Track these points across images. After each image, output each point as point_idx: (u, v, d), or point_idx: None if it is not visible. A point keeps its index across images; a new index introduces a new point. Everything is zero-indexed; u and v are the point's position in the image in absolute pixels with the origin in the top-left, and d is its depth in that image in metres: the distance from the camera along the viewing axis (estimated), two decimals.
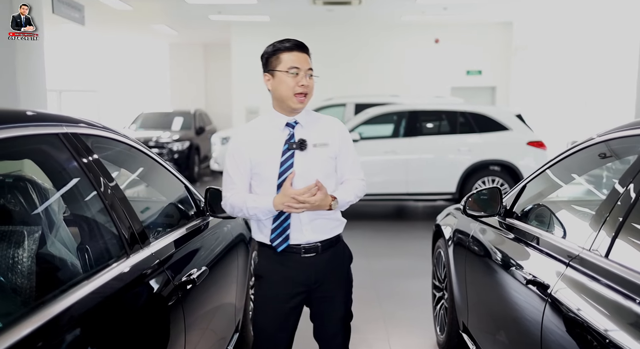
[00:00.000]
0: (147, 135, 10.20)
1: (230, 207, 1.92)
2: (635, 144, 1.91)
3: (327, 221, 1.94)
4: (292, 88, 1.86)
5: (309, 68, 1.90)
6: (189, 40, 14.35)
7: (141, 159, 2.15)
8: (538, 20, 11.69)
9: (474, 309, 2.54)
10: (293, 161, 1.87)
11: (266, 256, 1.95)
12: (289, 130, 1.92)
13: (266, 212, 1.85)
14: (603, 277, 1.47)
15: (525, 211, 2.28)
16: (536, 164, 6.82)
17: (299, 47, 1.91)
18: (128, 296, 1.44)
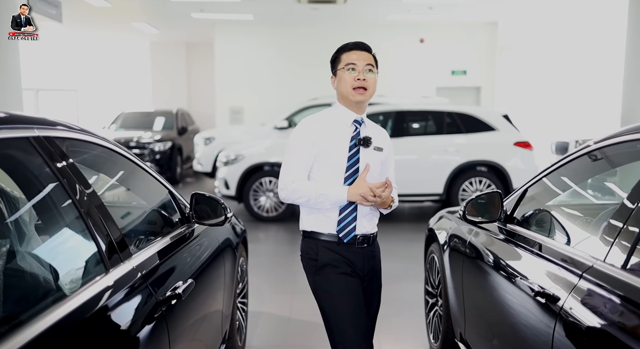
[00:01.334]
0: (128, 135, 9.98)
1: (291, 192, 1.98)
2: (635, 149, 1.83)
3: (376, 214, 2.10)
4: (350, 83, 1.99)
5: (367, 64, 2.01)
6: (171, 39, 14.10)
7: (122, 163, 2.01)
8: (523, 20, 11.72)
9: (472, 319, 2.45)
10: (359, 157, 2.01)
11: (325, 246, 2.01)
12: (355, 126, 2.04)
13: (334, 202, 1.96)
14: (621, 290, 1.38)
15: (527, 217, 2.18)
16: (524, 165, 6.80)
17: (357, 47, 2.05)
18: (108, 317, 1.30)
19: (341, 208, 1.98)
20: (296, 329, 3.51)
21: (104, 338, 1.27)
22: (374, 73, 2.03)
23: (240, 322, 3.04)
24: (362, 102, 2.02)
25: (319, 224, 2.02)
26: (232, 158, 7.05)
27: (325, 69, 9.91)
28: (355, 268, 2.02)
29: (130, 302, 1.42)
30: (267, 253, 5.51)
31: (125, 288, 1.42)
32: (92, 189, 1.53)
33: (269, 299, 4.03)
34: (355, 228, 2.00)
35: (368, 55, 2.04)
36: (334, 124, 2.05)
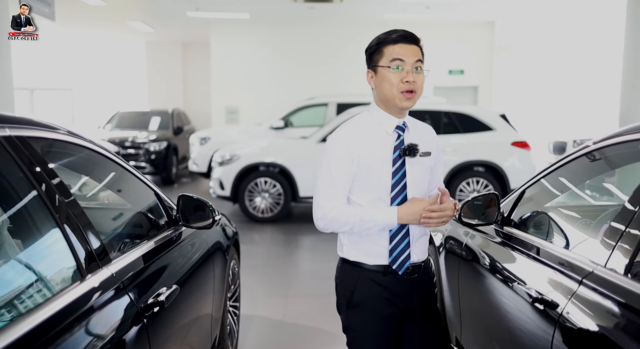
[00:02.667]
0: (123, 135, 9.89)
1: (330, 221, 1.67)
2: (636, 150, 1.77)
3: (427, 238, 1.80)
4: (397, 85, 1.65)
5: (416, 60, 1.66)
6: (167, 38, 14.01)
7: (106, 165, 1.94)
8: (520, 20, 11.67)
9: (468, 323, 2.38)
10: (405, 170, 1.69)
11: (365, 279, 1.72)
12: (397, 134, 1.71)
13: (383, 227, 1.66)
14: (622, 297, 1.31)
15: (525, 219, 2.12)
16: (521, 165, 6.75)
17: (405, 38, 1.66)
18: (82, 328, 1.23)
19: (391, 234, 1.69)
20: (289, 333, 3.44)
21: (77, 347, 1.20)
22: (422, 71, 1.67)
23: (231, 326, 2.97)
24: (409, 109, 1.70)
25: (365, 256, 1.73)
26: (227, 158, 6.97)
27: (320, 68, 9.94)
28: (399, 301, 1.73)
29: (107, 311, 1.35)
30: (262, 255, 5.44)
31: (102, 295, 1.35)
32: (68, 191, 1.45)
33: (262, 303, 3.96)
34: (409, 256, 1.71)
35: (417, 49, 1.67)
36: (372, 133, 1.71)
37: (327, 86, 11.48)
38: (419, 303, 1.77)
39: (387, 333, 1.73)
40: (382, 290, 1.72)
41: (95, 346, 1.24)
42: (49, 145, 1.53)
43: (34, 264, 1.29)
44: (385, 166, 1.69)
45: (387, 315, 1.72)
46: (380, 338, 1.73)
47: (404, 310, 1.75)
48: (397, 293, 1.73)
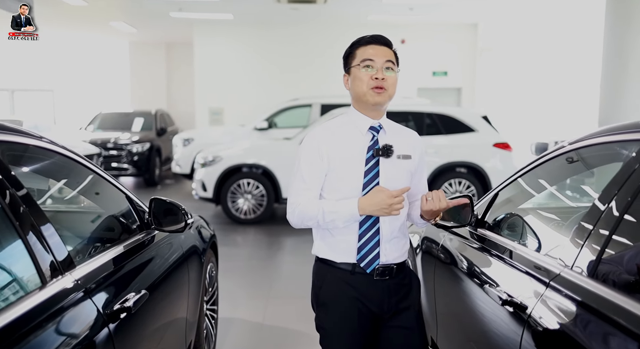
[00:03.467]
0: (105, 136, 9.79)
1: (298, 216, 1.71)
2: (609, 151, 1.79)
3: (402, 240, 1.78)
4: (367, 82, 1.69)
5: (387, 60, 1.70)
6: (150, 39, 13.91)
7: (74, 168, 1.90)
8: (503, 22, 11.77)
9: (443, 325, 2.38)
10: (378, 170, 1.70)
11: (333, 277, 1.73)
12: (372, 134, 1.74)
13: (347, 218, 1.66)
14: (587, 299, 1.32)
15: (498, 221, 2.13)
16: (503, 166, 6.79)
17: (375, 40, 1.74)
18: (40, 337, 1.19)
19: (360, 232, 1.69)
20: (269, 336, 3.42)
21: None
22: (394, 71, 1.71)
23: (208, 330, 2.94)
24: (379, 105, 1.71)
25: (333, 253, 1.74)
26: (210, 160, 6.93)
27: (304, 69, 9.95)
28: (368, 302, 1.71)
29: (68, 318, 1.31)
30: (243, 257, 5.41)
31: (63, 303, 1.32)
32: (31, 196, 1.42)
33: (242, 305, 3.93)
34: (378, 255, 1.69)
35: (388, 50, 1.72)
36: (346, 133, 1.74)
37: (311, 87, 11.47)
38: (393, 308, 1.74)
39: (357, 334, 1.72)
40: (351, 289, 1.72)
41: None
42: (12, 148, 1.49)
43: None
44: (358, 165, 1.70)
45: (356, 315, 1.71)
46: (349, 337, 1.72)
47: (376, 313, 1.74)
48: (367, 294, 1.72)
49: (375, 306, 1.73)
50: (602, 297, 1.27)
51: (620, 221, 1.36)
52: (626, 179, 1.42)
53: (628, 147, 1.59)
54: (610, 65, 6.24)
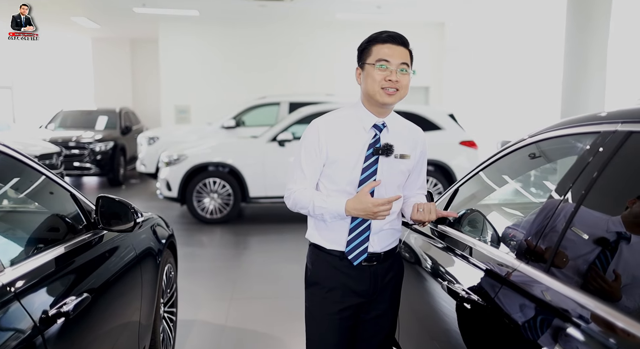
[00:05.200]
0: (67, 135, 9.49)
1: (292, 202, 1.77)
2: (567, 144, 1.78)
3: (392, 232, 1.83)
4: (379, 82, 1.70)
5: (402, 63, 1.70)
6: (114, 35, 13.55)
7: (15, 167, 1.78)
8: (468, 21, 11.92)
9: (404, 321, 2.35)
10: (377, 168, 1.72)
11: (323, 261, 1.80)
12: (374, 132, 1.75)
13: (334, 215, 1.71)
14: (541, 295, 1.29)
15: (459, 218, 2.10)
16: (469, 164, 6.85)
17: (393, 39, 1.72)
18: None
19: (351, 227, 1.73)
20: (231, 337, 3.33)
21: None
22: (408, 73, 1.71)
23: (166, 333, 2.84)
24: (390, 105, 1.73)
25: (324, 240, 1.79)
26: (175, 158, 6.77)
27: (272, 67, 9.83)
28: (355, 288, 1.77)
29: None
30: (208, 258, 5.30)
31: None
32: None
33: (205, 307, 3.83)
34: (367, 249, 1.75)
35: (404, 51, 1.72)
36: (350, 127, 1.75)
37: (280, 85, 11.38)
38: (377, 291, 1.81)
39: (339, 316, 1.78)
40: (338, 273, 1.77)
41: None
42: None
43: None
44: (357, 161, 1.72)
45: (339, 297, 1.77)
46: (331, 319, 1.78)
47: (361, 295, 1.79)
48: (354, 278, 1.77)
49: (362, 289, 1.78)
50: (557, 292, 1.24)
51: (575, 214, 1.34)
52: (580, 171, 1.40)
53: (582, 139, 1.57)
54: (571, 63, 6.36)
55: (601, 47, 6.17)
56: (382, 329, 1.87)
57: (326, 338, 1.80)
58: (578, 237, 1.33)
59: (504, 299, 1.42)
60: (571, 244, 1.33)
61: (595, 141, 1.41)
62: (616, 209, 1.36)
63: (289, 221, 6.77)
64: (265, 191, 6.62)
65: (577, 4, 6.35)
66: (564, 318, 1.19)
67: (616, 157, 1.30)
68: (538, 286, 1.32)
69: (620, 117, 1.36)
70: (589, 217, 1.34)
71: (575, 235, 1.34)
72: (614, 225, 1.27)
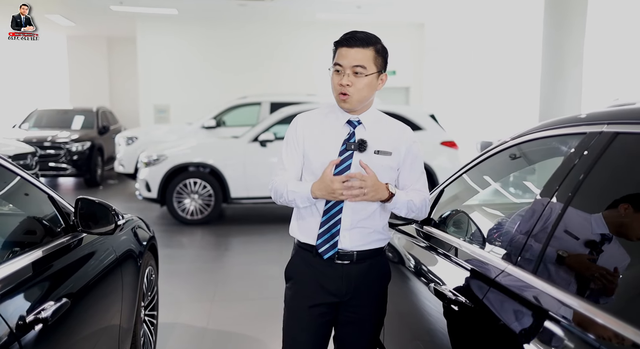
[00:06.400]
0: (42, 134, 9.28)
1: (273, 193, 1.81)
2: (552, 146, 1.79)
3: (367, 231, 1.79)
4: (335, 87, 1.73)
5: (354, 65, 1.68)
6: (90, 33, 13.30)
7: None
8: (448, 22, 12.03)
9: (389, 323, 2.34)
10: (351, 163, 1.73)
11: (300, 256, 1.83)
12: (349, 128, 1.77)
13: (303, 199, 1.73)
14: (530, 296, 1.29)
15: (444, 218, 2.10)
16: (450, 164, 6.90)
17: (347, 41, 1.70)
18: None
19: (322, 220, 1.74)
20: (212, 340, 3.29)
21: None
22: (363, 75, 1.68)
23: (147, 337, 2.78)
24: (348, 109, 1.74)
25: (300, 233, 1.82)
26: (154, 158, 6.67)
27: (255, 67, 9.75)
28: (327, 285, 1.77)
29: None
30: (189, 259, 5.23)
31: None
32: None
33: (186, 310, 3.77)
34: (336, 244, 1.74)
35: (360, 52, 1.68)
36: (328, 123, 1.79)
37: (261, 85, 11.31)
38: (351, 292, 1.79)
39: (313, 312, 1.78)
40: (311, 269, 1.79)
41: None
42: None
43: None
44: (333, 156, 1.74)
45: (312, 294, 1.79)
46: (305, 314, 1.79)
47: (333, 294, 1.79)
48: (326, 275, 1.78)
49: (333, 288, 1.78)
50: (546, 293, 1.24)
51: (562, 215, 1.34)
52: (567, 173, 1.41)
53: (568, 141, 1.58)
54: (548, 63, 6.46)
55: (577, 47, 6.28)
56: (363, 333, 1.85)
57: (297, 333, 1.81)
58: (565, 239, 1.33)
59: (491, 301, 1.42)
60: (559, 245, 1.33)
61: (582, 142, 1.42)
62: (603, 209, 1.37)
63: (270, 221, 6.72)
64: (247, 191, 6.56)
65: (553, 5, 6.46)
66: (552, 319, 1.19)
67: (602, 158, 1.31)
68: (525, 287, 1.32)
69: (606, 118, 1.37)
70: (576, 219, 1.34)
71: (563, 236, 1.34)
72: (598, 227, 1.28)
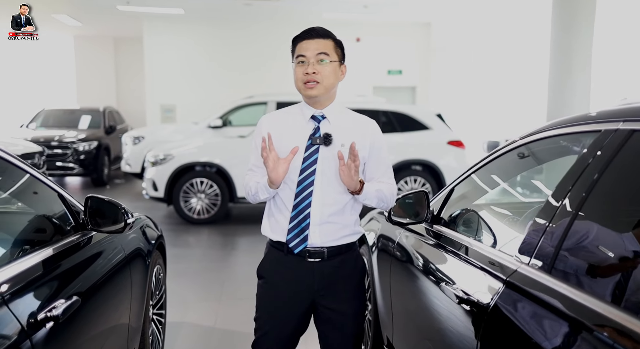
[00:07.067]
0: (49, 134, 9.33)
1: (245, 190, 1.87)
2: (564, 144, 1.77)
3: (338, 226, 1.81)
4: (300, 78, 1.78)
5: (319, 53, 1.76)
6: (97, 33, 13.35)
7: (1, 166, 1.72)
8: (455, 21, 11.98)
9: (399, 324, 2.33)
10: (317, 157, 1.78)
11: (272, 255, 1.87)
12: (314, 123, 1.82)
13: (263, 189, 1.77)
14: (545, 296, 1.27)
15: (454, 217, 2.08)
16: (457, 164, 6.88)
17: (307, 34, 1.79)
18: None
19: (292, 215, 1.77)
20: (220, 339, 3.29)
21: None
22: (327, 62, 1.75)
23: (155, 335, 2.78)
24: (315, 97, 1.78)
25: (271, 231, 1.85)
26: (161, 158, 6.68)
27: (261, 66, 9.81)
28: (299, 284, 1.80)
29: None
30: (196, 258, 5.23)
31: None
32: None
33: (193, 308, 3.77)
34: (306, 238, 1.77)
35: (321, 42, 1.77)
36: (293, 121, 1.84)
37: (266, 84, 11.31)
38: (323, 289, 1.81)
39: (285, 310, 1.82)
40: (282, 268, 1.82)
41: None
42: None
43: None
44: (300, 151, 1.77)
45: (284, 293, 1.82)
46: (279, 313, 1.82)
47: (306, 292, 1.81)
48: (297, 273, 1.80)
49: (305, 286, 1.81)
50: (561, 293, 1.23)
51: (576, 215, 1.33)
52: (581, 172, 1.39)
53: (581, 139, 1.56)
54: (556, 63, 6.42)
55: (586, 47, 6.24)
56: (345, 331, 1.85)
57: (269, 329, 1.84)
58: (580, 238, 1.32)
59: (504, 300, 1.40)
60: (573, 245, 1.32)
61: (596, 141, 1.40)
62: (617, 209, 1.35)
63: None
64: None
65: (562, 5, 6.41)
66: (568, 320, 1.17)
67: (618, 156, 1.29)
68: (540, 287, 1.31)
69: (623, 116, 1.35)
70: (592, 218, 1.33)
71: (577, 235, 1.32)
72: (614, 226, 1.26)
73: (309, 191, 1.76)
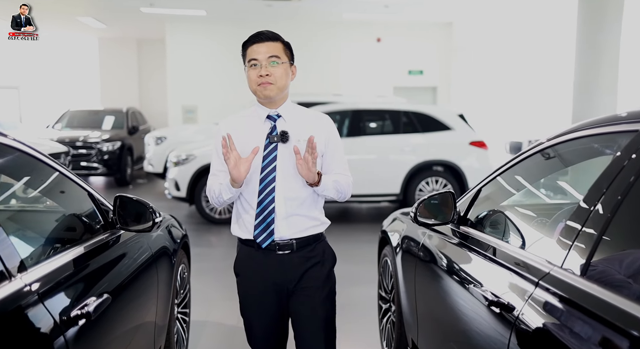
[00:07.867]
0: (74, 134, 9.51)
1: (209, 195, 1.92)
2: (596, 145, 1.73)
3: (303, 218, 1.90)
4: (254, 81, 1.85)
5: (270, 56, 1.84)
6: (121, 35, 13.56)
7: (35, 166, 1.75)
8: (477, 21, 11.86)
9: (424, 326, 2.31)
10: (276, 154, 1.85)
11: (243, 252, 1.95)
12: (270, 123, 1.90)
13: (226, 188, 1.83)
14: (579, 299, 1.25)
15: (481, 218, 2.06)
16: (479, 164, 6.80)
17: (257, 38, 1.86)
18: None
19: (257, 212, 1.85)
20: (243, 338, 3.26)
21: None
22: (278, 64, 1.84)
23: (180, 334, 2.81)
24: (271, 98, 1.86)
25: (240, 230, 1.93)
26: (183, 158, 6.75)
27: None
28: (272, 277, 1.89)
29: (16, 327, 1.18)
30: (218, 258, 5.27)
31: (10, 309, 1.18)
32: None
33: (216, 307, 3.80)
34: (273, 232, 1.85)
35: (271, 45, 1.85)
36: (250, 122, 1.92)
37: None
38: (296, 280, 1.89)
39: (265, 303, 1.90)
40: (255, 263, 1.90)
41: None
42: None
43: None
44: (259, 150, 1.84)
45: (260, 287, 1.90)
46: (258, 306, 1.91)
47: (280, 284, 1.89)
48: (269, 267, 1.88)
49: (278, 278, 1.89)
50: (596, 296, 1.20)
51: (611, 219, 1.30)
52: (617, 174, 1.36)
53: (616, 140, 1.53)
54: (582, 62, 6.30)
55: (613, 46, 6.11)
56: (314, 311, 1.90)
57: (254, 324, 1.95)
58: (615, 239, 1.29)
59: (536, 303, 1.38)
60: (608, 246, 1.29)
61: (632, 142, 1.37)
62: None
63: None
64: None
65: (588, 3, 6.29)
66: (605, 324, 1.14)
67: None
68: (574, 290, 1.28)
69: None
70: (627, 219, 1.30)
71: (613, 237, 1.29)
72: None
73: (272, 187, 1.84)
